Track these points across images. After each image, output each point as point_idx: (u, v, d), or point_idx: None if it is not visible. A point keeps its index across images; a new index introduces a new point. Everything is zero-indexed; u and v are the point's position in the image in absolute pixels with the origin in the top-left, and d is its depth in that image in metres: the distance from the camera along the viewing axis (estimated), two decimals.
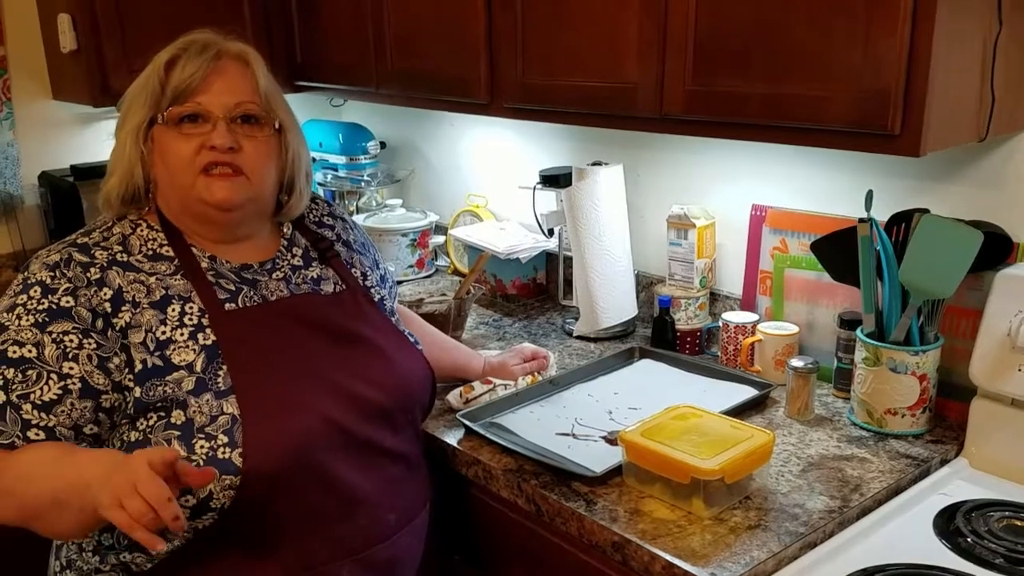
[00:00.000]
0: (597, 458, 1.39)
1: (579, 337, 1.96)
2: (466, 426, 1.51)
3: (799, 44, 1.27)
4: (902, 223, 1.48)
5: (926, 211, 1.45)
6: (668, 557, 1.17)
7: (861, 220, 1.47)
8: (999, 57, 1.29)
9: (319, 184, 2.67)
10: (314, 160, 2.66)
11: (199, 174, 1.24)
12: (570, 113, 1.67)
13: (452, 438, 1.51)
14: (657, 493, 1.30)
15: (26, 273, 1.21)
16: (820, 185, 1.70)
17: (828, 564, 1.17)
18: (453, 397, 1.61)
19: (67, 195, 2.23)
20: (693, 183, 1.93)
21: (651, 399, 1.59)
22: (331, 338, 1.30)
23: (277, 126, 1.30)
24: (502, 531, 1.44)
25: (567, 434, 1.50)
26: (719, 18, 1.36)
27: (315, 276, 1.37)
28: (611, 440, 1.46)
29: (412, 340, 1.43)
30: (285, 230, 1.40)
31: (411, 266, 2.45)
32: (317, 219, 1.47)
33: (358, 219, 2.44)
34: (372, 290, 1.42)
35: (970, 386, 1.42)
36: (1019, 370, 1.35)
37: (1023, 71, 1.37)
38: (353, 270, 1.42)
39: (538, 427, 1.53)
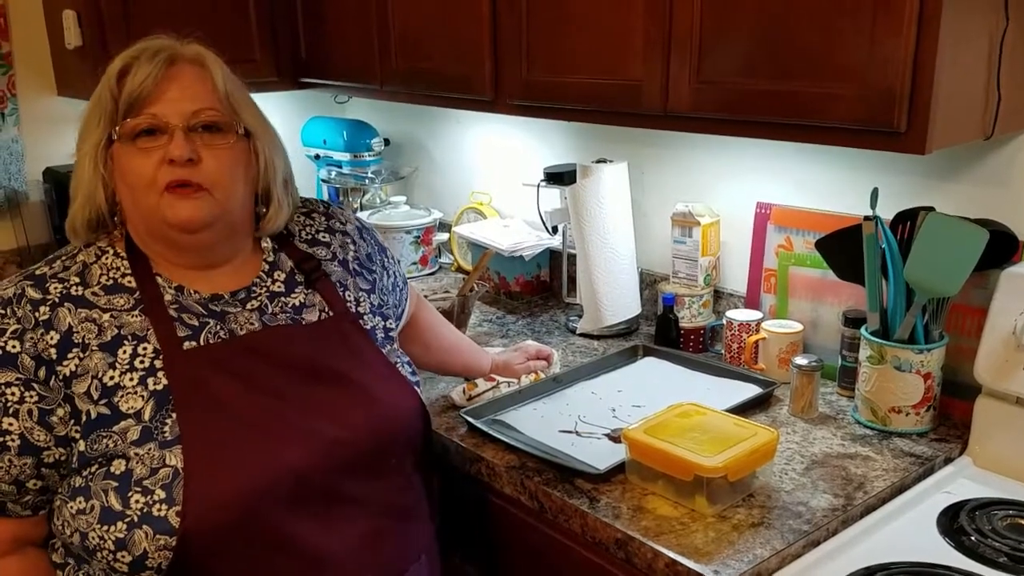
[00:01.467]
0: (600, 455, 1.39)
1: (583, 335, 1.96)
2: (469, 423, 1.51)
3: (805, 41, 1.27)
4: (907, 221, 1.48)
5: (931, 209, 1.45)
6: (671, 554, 1.17)
7: (866, 218, 1.46)
8: (1005, 54, 1.29)
9: (323, 181, 2.67)
10: (317, 157, 2.66)
11: (162, 193, 1.14)
12: (574, 110, 1.66)
13: (455, 435, 1.51)
14: (660, 490, 1.30)
15: None
16: (825, 183, 1.70)
17: (831, 562, 1.17)
18: (456, 394, 1.61)
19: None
20: (698, 181, 1.93)
21: (655, 397, 1.59)
22: (303, 376, 1.19)
23: (242, 131, 1.19)
24: (505, 528, 1.44)
25: (570, 431, 1.50)
26: (724, 15, 1.36)
27: (297, 303, 1.25)
28: (614, 437, 1.46)
29: (408, 371, 1.32)
30: (264, 245, 1.28)
31: (415, 263, 2.45)
32: (310, 236, 1.34)
33: (361, 216, 2.44)
34: (364, 317, 1.30)
35: (975, 385, 1.42)
36: (1023, 369, 1.35)
37: None
38: (346, 293, 1.30)
39: (541, 424, 1.53)
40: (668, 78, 1.45)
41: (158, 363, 1.13)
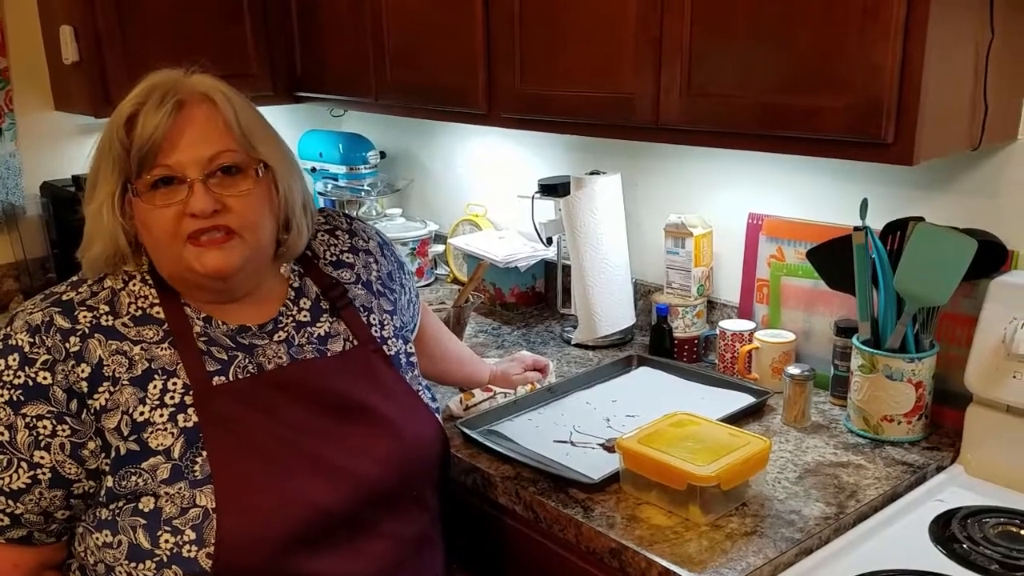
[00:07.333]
0: (595, 465, 1.40)
1: (577, 345, 1.97)
2: (464, 434, 1.52)
3: (793, 54, 1.28)
4: (897, 231, 1.49)
5: (921, 219, 1.46)
6: (665, 563, 1.17)
7: (856, 228, 1.48)
8: (991, 66, 1.30)
9: (319, 194, 2.68)
10: (313, 170, 2.67)
11: (186, 243, 1.12)
12: (568, 123, 1.68)
13: (451, 445, 1.51)
14: (654, 500, 1.31)
15: (8, 329, 1.12)
16: (816, 194, 1.71)
17: (824, 570, 1.18)
18: (454, 404, 1.62)
19: (68, 205, 2.24)
20: (690, 192, 1.94)
21: (649, 406, 1.59)
22: (331, 411, 1.19)
23: (262, 168, 1.16)
24: (500, 538, 1.45)
25: (565, 441, 1.51)
26: (714, 29, 1.37)
27: (322, 333, 1.24)
28: (609, 447, 1.47)
29: (428, 396, 1.32)
30: (287, 274, 1.27)
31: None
32: (335, 258, 1.32)
33: None
34: (389, 342, 1.30)
35: (966, 393, 1.43)
36: (1014, 377, 1.35)
37: (1015, 80, 1.38)
38: (371, 317, 1.29)
39: (536, 434, 1.54)
40: (659, 91, 1.47)
41: (188, 399, 1.12)
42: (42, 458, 1.09)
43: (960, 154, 1.40)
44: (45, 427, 1.08)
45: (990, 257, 1.42)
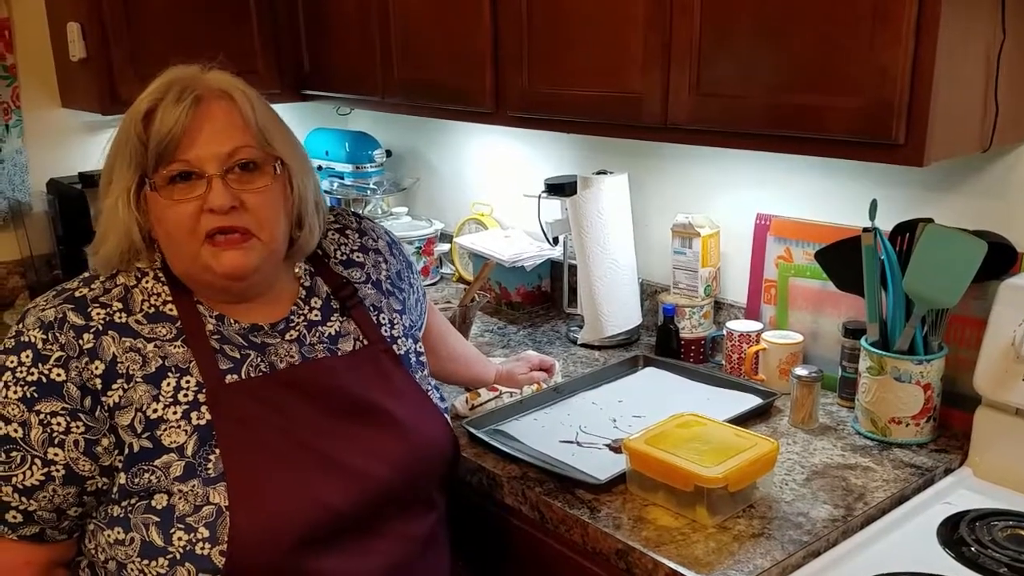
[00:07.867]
0: (601, 466, 1.40)
1: (583, 345, 1.96)
2: (470, 433, 1.52)
3: (803, 54, 1.28)
4: (906, 233, 1.48)
5: (930, 221, 1.46)
6: (672, 565, 1.17)
7: (865, 229, 1.47)
8: (1003, 67, 1.30)
9: (325, 192, 2.68)
10: (319, 168, 2.67)
11: (204, 242, 1.12)
12: (575, 122, 1.67)
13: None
14: (661, 501, 1.30)
15: (20, 326, 1.12)
16: (825, 194, 1.71)
17: (832, 573, 1.18)
18: (459, 403, 1.62)
19: (75, 202, 2.25)
20: (698, 192, 1.93)
21: (655, 407, 1.59)
22: (342, 411, 1.19)
23: (279, 166, 1.17)
24: (506, 538, 1.45)
25: (571, 442, 1.51)
26: (723, 28, 1.37)
27: (333, 332, 1.25)
28: (615, 448, 1.46)
29: (437, 397, 1.33)
30: (297, 271, 1.27)
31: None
32: (345, 256, 1.33)
33: None
34: (398, 342, 1.30)
35: (974, 395, 1.42)
36: (1023, 380, 1.35)
37: None
38: (380, 316, 1.30)
39: (542, 434, 1.53)
40: (668, 90, 1.46)
41: (201, 397, 1.12)
42: (56, 455, 1.09)
43: (970, 155, 1.39)
44: (59, 424, 1.08)
45: (1000, 259, 1.42)
